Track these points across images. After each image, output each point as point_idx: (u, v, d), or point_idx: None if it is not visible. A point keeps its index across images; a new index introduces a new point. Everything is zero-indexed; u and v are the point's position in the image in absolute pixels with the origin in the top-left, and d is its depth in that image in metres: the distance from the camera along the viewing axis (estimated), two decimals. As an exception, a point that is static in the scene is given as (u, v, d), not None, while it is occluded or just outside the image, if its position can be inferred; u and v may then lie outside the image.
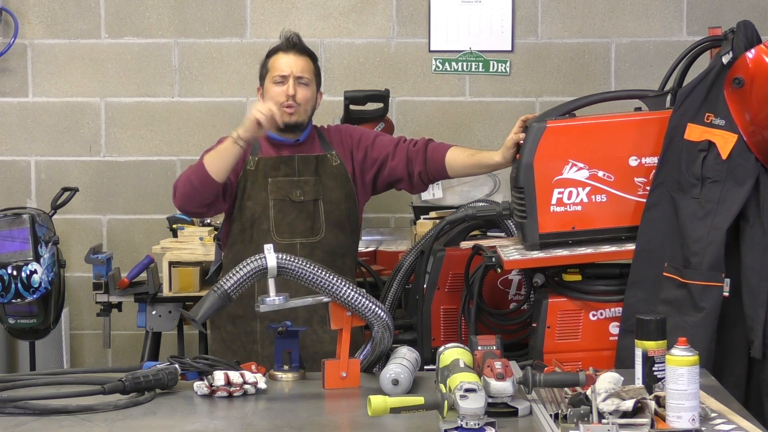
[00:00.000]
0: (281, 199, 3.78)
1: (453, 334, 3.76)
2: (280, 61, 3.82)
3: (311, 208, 3.80)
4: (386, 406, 2.53)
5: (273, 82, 3.80)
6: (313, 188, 3.80)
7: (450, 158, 3.84)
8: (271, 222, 3.77)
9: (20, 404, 2.78)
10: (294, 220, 3.78)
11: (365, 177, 3.89)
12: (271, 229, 3.76)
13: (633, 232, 3.47)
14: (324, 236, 3.79)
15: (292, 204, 3.78)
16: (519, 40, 5.42)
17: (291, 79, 3.78)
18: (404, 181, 3.90)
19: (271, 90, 3.80)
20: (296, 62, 3.81)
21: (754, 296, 3.31)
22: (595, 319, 3.48)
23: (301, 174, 3.80)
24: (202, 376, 3.00)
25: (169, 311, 4.71)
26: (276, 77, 3.80)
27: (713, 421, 2.59)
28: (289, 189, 3.79)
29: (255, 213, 3.78)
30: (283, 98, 3.77)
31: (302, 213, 3.79)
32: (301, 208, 3.79)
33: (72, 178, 5.42)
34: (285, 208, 3.78)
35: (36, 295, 4.71)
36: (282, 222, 3.78)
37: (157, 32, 5.44)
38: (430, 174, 3.87)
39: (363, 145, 3.89)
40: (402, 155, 3.86)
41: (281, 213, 3.78)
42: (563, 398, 2.73)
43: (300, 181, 3.80)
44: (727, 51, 3.35)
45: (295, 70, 3.79)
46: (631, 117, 3.57)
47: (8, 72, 5.45)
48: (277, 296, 3.03)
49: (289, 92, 3.77)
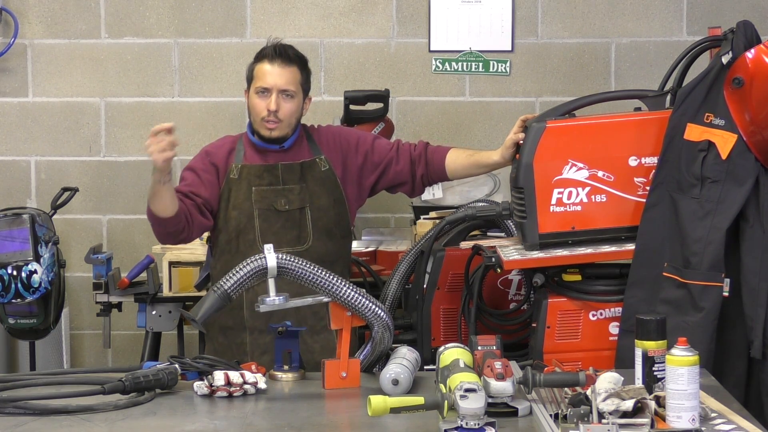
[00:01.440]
0: (266, 209, 3.73)
1: (453, 334, 3.76)
2: (264, 71, 3.72)
3: (297, 216, 3.75)
4: (386, 406, 2.53)
5: (255, 93, 3.73)
6: (298, 196, 3.75)
7: (449, 160, 3.83)
8: (257, 232, 3.73)
9: (20, 404, 2.77)
10: (280, 230, 3.73)
11: (364, 181, 3.85)
12: (257, 239, 3.71)
13: (633, 232, 3.47)
14: (312, 244, 3.75)
15: (277, 213, 3.74)
16: (519, 40, 5.42)
17: (274, 93, 3.69)
18: (407, 185, 3.88)
19: (253, 100, 3.74)
20: (281, 74, 3.71)
21: (753, 296, 3.30)
22: (595, 319, 3.48)
23: (286, 183, 3.75)
24: (202, 376, 3.00)
25: (169, 311, 4.71)
26: (259, 88, 3.72)
27: (713, 421, 2.58)
28: (274, 198, 3.74)
29: (240, 223, 3.74)
30: (264, 113, 3.70)
31: (288, 222, 3.74)
32: (287, 216, 3.74)
33: (72, 178, 5.41)
34: (270, 217, 3.74)
35: (36, 295, 4.71)
36: (268, 231, 3.72)
37: (157, 32, 5.44)
38: (430, 177, 3.86)
39: (362, 150, 3.84)
40: (406, 159, 3.84)
41: (266, 222, 3.73)
42: (563, 398, 2.73)
43: (285, 190, 3.74)
44: (726, 51, 3.35)
45: (279, 83, 3.70)
46: (630, 117, 3.57)
47: (8, 72, 5.45)
48: (277, 296, 3.02)
49: (270, 107, 3.69)
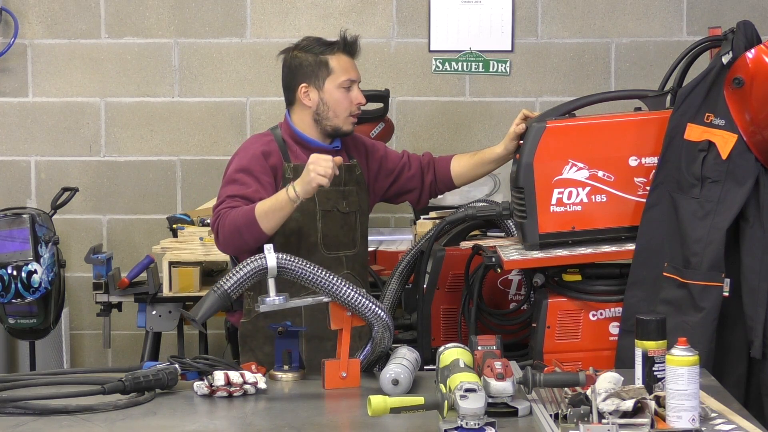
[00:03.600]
0: (329, 210, 3.60)
1: (453, 334, 3.75)
2: (347, 63, 3.62)
3: (353, 220, 3.66)
4: (386, 406, 2.53)
5: (340, 86, 3.58)
6: (355, 198, 3.66)
7: (454, 164, 3.83)
8: (319, 234, 3.58)
9: (20, 404, 2.77)
10: (339, 233, 3.62)
11: (377, 187, 3.81)
12: (319, 242, 3.58)
13: (633, 232, 3.47)
14: (359, 249, 3.69)
15: (339, 215, 3.62)
16: (519, 40, 5.42)
17: (357, 85, 3.62)
18: (416, 191, 3.85)
19: (336, 94, 3.58)
20: (356, 66, 3.65)
21: (754, 296, 3.30)
22: (595, 319, 3.48)
23: (346, 183, 3.63)
24: (202, 376, 3.00)
25: (169, 311, 4.70)
26: (344, 81, 3.58)
27: (713, 421, 2.58)
28: (337, 199, 3.61)
29: (300, 224, 3.56)
30: (354, 107, 3.61)
31: (346, 225, 3.63)
32: (346, 219, 3.63)
33: (72, 178, 5.42)
34: (331, 219, 3.60)
35: (36, 295, 4.71)
36: (329, 234, 3.60)
37: (157, 32, 5.44)
38: (438, 185, 3.85)
39: (377, 156, 3.80)
40: (416, 165, 3.82)
41: (328, 225, 3.60)
42: (563, 398, 2.73)
43: (345, 191, 3.63)
44: (727, 51, 3.34)
45: (358, 74, 3.64)
46: (631, 117, 3.57)
47: (8, 72, 5.45)
48: (277, 296, 3.02)
49: (361, 101, 3.61)
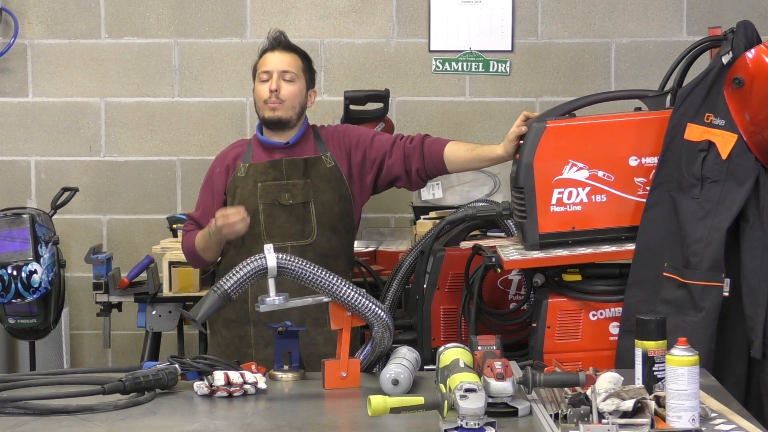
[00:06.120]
0: (270, 203, 3.80)
1: (453, 334, 3.76)
2: (265, 59, 3.87)
3: (301, 211, 3.81)
4: (386, 406, 2.53)
5: (259, 81, 3.86)
6: (301, 191, 3.81)
7: (449, 153, 3.83)
8: (262, 226, 3.79)
9: (20, 404, 2.77)
10: (284, 224, 3.79)
11: (365, 178, 3.88)
12: (262, 233, 3.77)
13: (633, 232, 3.47)
14: (316, 239, 3.80)
15: (281, 207, 3.80)
16: (519, 40, 5.42)
17: (275, 74, 3.82)
18: (402, 179, 3.89)
19: (257, 88, 3.86)
20: (281, 59, 3.85)
21: (754, 296, 3.30)
22: (595, 319, 3.48)
23: (290, 177, 3.82)
24: (202, 376, 3.00)
25: (169, 311, 4.71)
26: (261, 75, 3.85)
27: (713, 421, 2.58)
28: (278, 192, 3.81)
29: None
30: (266, 95, 3.81)
31: (292, 216, 3.80)
32: (291, 211, 3.80)
33: (72, 178, 5.42)
34: (275, 211, 3.80)
35: (36, 295, 4.70)
36: (272, 225, 3.79)
37: (157, 32, 5.44)
38: (428, 170, 3.86)
39: (361, 146, 3.88)
40: (399, 153, 3.85)
41: (271, 217, 3.79)
42: (563, 398, 2.73)
43: (288, 185, 3.81)
44: (727, 51, 3.34)
45: (279, 66, 3.83)
46: (631, 117, 3.56)
47: (8, 72, 5.45)
48: (277, 296, 3.03)
49: (271, 87, 3.81)
